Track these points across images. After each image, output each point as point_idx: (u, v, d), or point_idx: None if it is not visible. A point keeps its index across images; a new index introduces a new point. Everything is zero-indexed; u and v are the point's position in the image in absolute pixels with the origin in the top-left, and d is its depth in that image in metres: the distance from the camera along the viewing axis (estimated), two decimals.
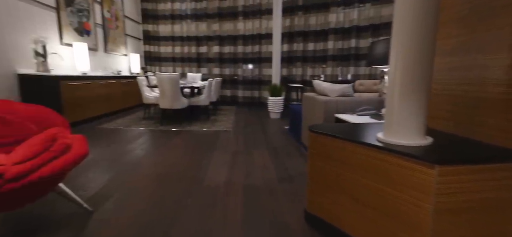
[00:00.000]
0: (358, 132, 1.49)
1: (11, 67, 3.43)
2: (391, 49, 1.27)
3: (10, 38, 3.41)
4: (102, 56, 5.72)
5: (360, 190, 1.33)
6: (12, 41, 3.43)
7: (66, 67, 4.51)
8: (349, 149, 1.36)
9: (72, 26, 4.70)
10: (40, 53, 3.61)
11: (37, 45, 3.61)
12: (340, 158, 1.42)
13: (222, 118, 5.29)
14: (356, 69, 6.41)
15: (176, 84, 4.21)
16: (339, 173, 1.43)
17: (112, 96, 5.07)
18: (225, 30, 7.36)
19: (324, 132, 1.50)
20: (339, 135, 1.41)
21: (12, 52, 3.44)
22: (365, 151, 1.29)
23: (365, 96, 3.03)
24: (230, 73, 7.57)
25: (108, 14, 5.96)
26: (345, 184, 1.41)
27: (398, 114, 1.25)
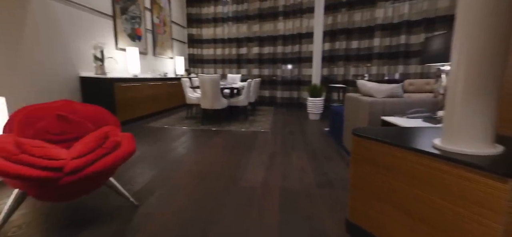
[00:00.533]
0: (409, 137, 1.35)
1: (75, 70, 3.86)
2: (454, 42, 1.11)
3: (74, 45, 3.84)
4: (150, 59, 6.15)
5: (411, 202, 1.20)
6: (75, 47, 3.86)
7: (119, 70, 4.94)
8: (399, 156, 1.23)
9: (126, 32, 5.14)
10: (98, 58, 4.01)
11: (96, 50, 4.01)
12: (388, 165, 1.29)
13: (261, 119, 5.30)
14: (405, 67, 5.91)
15: (217, 85, 4.33)
16: (387, 181, 1.30)
17: (158, 97, 5.42)
18: (265, 31, 7.38)
19: (369, 136, 1.38)
20: (387, 140, 1.29)
21: (76, 57, 3.87)
22: (418, 158, 1.15)
23: (416, 97, 2.75)
24: (269, 74, 7.56)
25: (157, 20, 6.39)
26: (393, 194, 1.28)
27: (461, 118, 1.09)
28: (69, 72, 3.74)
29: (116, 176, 2.26)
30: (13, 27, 2.96)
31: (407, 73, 5.91)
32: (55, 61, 3.51)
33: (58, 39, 3.56)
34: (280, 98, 7.50)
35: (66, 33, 3.69)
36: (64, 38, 3.66)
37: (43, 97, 3.35)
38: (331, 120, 4.15)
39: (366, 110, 2.43)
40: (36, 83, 3.25)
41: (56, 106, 1.77)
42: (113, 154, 1.52)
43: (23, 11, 3.06)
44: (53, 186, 1.32)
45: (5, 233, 1.41)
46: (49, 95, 3.42)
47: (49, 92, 3.44)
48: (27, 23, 3.11)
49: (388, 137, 1.33)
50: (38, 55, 3.26)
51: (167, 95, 5.86)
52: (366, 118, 2.41)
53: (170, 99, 6.03)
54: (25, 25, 3.09)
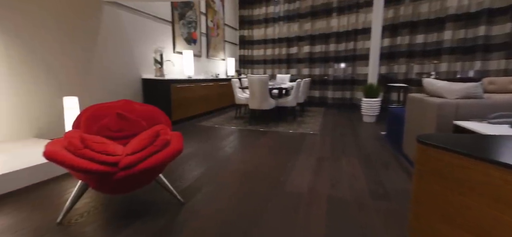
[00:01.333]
0: (492, 147, 1.09)
1: (138, 73, 4.26)
2: None
3: (138, 49, 4.24)
4: (204, 61, 6.47)
5: (492, 229, 0.96)
6: (139, 51, 4.26)
7: (175, 72, 5.29)
8: (477, 170, 1.00)
9: (183, 36, 5.49)
10: (158, 61, 4.36)
11: (156, 54, 4.36)
12: (461, 180, 1.06)
13: (309, 120, 5.11)
14: (484, 63, 5.05)
15: (265, 85, 4.31)
16: (458, 200, 1.07)
17: (210, 97, 5.65)
18: (317, 29, 7.11)
19: (438, 144, 1.16)
20: (462, 150, 1.06)
21: (139, 60, 4.27)
22: (505, 175, 0.91)
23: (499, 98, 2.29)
24: (320, 73, 7.26)
25: (211, 24, 6.69)
26: (466, 215, 1.05)
27: None
28: (132, 75, 4.14)
29: (168, 172, 2.39)
30: (88, 35, 3.39)
31: (486, 70, 5.04)
32: (121, 65, 3.92)
33: (124, 44, 3.97)
34: (331, 98, 7.15)
35: (131, 39, 4.10)
36: (129, 44, 4.07)
37: (111, 97, 3.76)
38: (389, 123, 3.76)
39: (433, 113, 2.11)
40: (105, 84, 3.67)
41: (117, 106, 1.94)
42: (163, 152, 1.59)
43: (97, 21, 3.49)
44: (109, 179, 1.43)
45: (69, 219, 1.59)
46: (115, 95, 3.84)
47: (116, 92, 3.85)
48: (99, 31, 3.54)
49: (462, 146, 1.10)
50: (106, 59, 3.68)
51: (217, 95, 6.08)
52: (434, 122, 2.09)
53: (220, 99, 6.25)
54: (98, 34, 3.52)
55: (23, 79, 2.67)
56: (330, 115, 5.88)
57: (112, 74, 3.77)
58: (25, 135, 2.70)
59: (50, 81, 2.91)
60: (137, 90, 4.25)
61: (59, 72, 3.01)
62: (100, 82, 3.57)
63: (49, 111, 2.92)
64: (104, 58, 3.61)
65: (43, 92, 2.86)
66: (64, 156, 1.38)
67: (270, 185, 2.12)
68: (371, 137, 3.76)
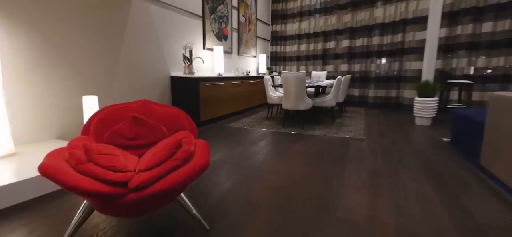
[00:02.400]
0: None
1: (166, 70, 4.05)
2: None
3: (166, 45, 4.02)
4: (235, 58, 6.16)
5: None
6: (167, 47, 4.04)
7: (205, 70, 5.04)
8: None
9: (213, 32, 5.22)
10: (187, 57, 4.11)
11: (186, 50, 4.12)
12: None
13: (350, 122, 4.54)
14: None
15: (302, 83, 3.85)
16: None
17: (240, 96, 5.32)
18: (358, 20, 6.45)
19: None
20: None
21: (168, 57, 4.06)
22: None
23: None
24: (361, 70, 6.59)
25: (243, 19, 6.36)
26: None
27: None
28: (161, 72, 3.94)
29: (190, 187, 2.07)
30: (115, 29, 3.21)
31: None
32: (149, 62, 3.73)
33: (153, 40, 3.77)
34: (372, 97, 6.44)
35: (160, 34, 3.89)
36: (158, 39, 3.86)
37: (137, 96, 3.58)
38: (455, 128, 3.11)
39: None
40: (132, 83, 3.49)
41: (134, 107, 1.65)
42: (184, 168, 1.25)
43: (125, 13, 3.31)
44: (117, 202, 1.12)
45: None
46: (142, 94, 3.65)
47: (143, 91, 3.66)
48: (127, 25, 3.35)
49: None
50: (134, 56, 3.49)
51: (248, 94, 5.73)
52: None
53: (251, 98, 5.89)
54: (125, 28, 3.33)
55: (45, 76, 2.54)
56: (373, 116, 5.23)
57: (140, 71, 3.58)
58: (48, 136, 2.57)
59: (72, 79, 2.76)
60: (165, 88, 4.05)
61: (83, 69, 2.86)
62: (126, 80, 3.40)
63: (72, 111, 2.78)
64: (132, 54, 3.43)
65: (66, 89, 2.71)
66: (61, 172, 1.09)
67: (315, 208, 1.70)
68: (431, 145, 3.13)
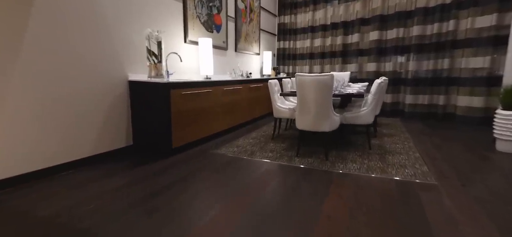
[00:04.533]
0: None
1: (122, 71, 2.72)
2: None
3: (122, 35, 2.68)
4: (231, 56, 4.79)
5: None
6: (123, 37, 2.70)
7: (188, 70, 3.69)
8: None
9: (200, 20, 3.86)
10: (153, 53, 2.77)
11: (150, 41, 2.77)
12: None
13: (393, 145, 3.11)
14: None
15: (327, 92, 2.45)
16: None
17: (236, 106, 3.95)
18: (391, 6, 4.99)
19: None
20: None
21: (124, 52, 2.71)
22: None
23: None
24: (394, 69, 5.12)
25: (242, 5, 4.99)
26: None
27: None
28: (110, 74, 2.60)
29: None
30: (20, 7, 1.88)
31: None
32: (87, 57, 2.39)
33: (97, 24, 2.43)
34: (410, 105, 4.96)
35: (110, 16, 2.55)
36: (106, 23, 2.53)
37: (59, 110, 2.24)
38: None
39: None
40: (50, 90, 2.15)
41: None
42: None
43: None
44: None
45: None
46: (70, 107, 2.31)
47: (73, 102, 2.33)
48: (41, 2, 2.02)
49: None
50: (53, 45, 2.16)
51: (248, 102, 4.35)
52: None
53: (252, 108, 4.51)
54: (34, 6, 2.00)
55: None
56: (420, 133, 3.78)
57: (65, 72, 2.25)
58: None
59: None
60: (119, 98, 2.71)
61: None
62: (34, 87, 2.06)
63: None
64: (47, 45, 2.08)
65: None
66: None
67: None
68: None
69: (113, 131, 2.68)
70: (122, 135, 2.78)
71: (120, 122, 2.73)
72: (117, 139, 2.72)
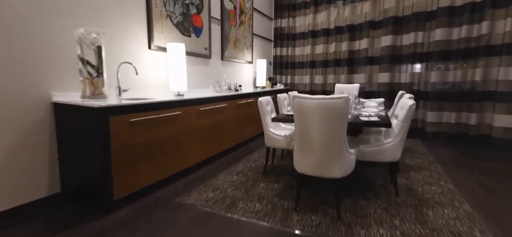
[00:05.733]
0: None
1: (43, 89, 1.88)
2: None
3: (43, 38, 1.86)
4: (216, 66, 3.97)
5: None
6: (48, 43, 1.88)
7: (152, 84, 2.86)
8: None
9: (172, 20, 3.05)
10: (88, 63, 1.93)
11: (82, 46, 1.94)
12: None
13: (428, 188, 2.24)
14: None
15: (340, 122, 1.61)
16: None
17: (218, 129, 3.10)
18: (407, 6, 4.19)
19: None
20: None
21: (47, 62, 1.89)
22: None
23: None
24: (412, 80, 4.29)
25: (230, 5, 4.20)
26: None
27: None
28: (26, 93, 1.77)
29: None
30: None
31: None
32: None
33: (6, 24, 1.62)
34: (432, 124, 4.12)
35: (24, 13, 1.73)
36: (17, 22, 1.70)
37: None
38: None
39: None
40: None
41: None
42: None
43: None
44: None
45: None
46: None
47: None
48: None
49: None
50: None
51: (235, 122, 3.51)
52: None
53: (240, 129, 3.66)
54: None
55: None
56: (452, 162, 2.92)
57: None
58: None
59: None
60: (38, 129, 1.88)
61: None
62: None
63: None
64: None
65: None
66: None
67: None
68: None
69: (28, 174, 1.83)
70: (43, 180, 1.93)
71: (38, 161, 1.89)
72: (33, 186, 1.87)
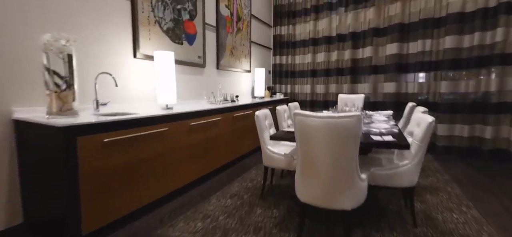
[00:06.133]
0: None
1: (4, 105, 1.61)
2: None
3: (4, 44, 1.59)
4: (211, 75, 3.71)
5: None
6: (10, 50, 1.62)
7: (143, 98, 2.59)
8: None
9: (161, 25, 2.80)
10: (56, 73, 1.66)
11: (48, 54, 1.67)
12: None
13: (449, 216, 1.94)
14: None
15: (351, 145, 1.33)
16: None
17: (211, 145, 2.82)
18: (414, 12, 3.96)
19: None
20: None
21: (7, 72, 1.62)
22: None
23: None
24: (420, 91, 4.03)
25: (227, 11, 3.97)
26: None
27: None
28: None
29: None
30: None
31: None
32: None
33: None
34: (443, 138, 3.83)
35: None
36: None
37: None
38: None
39: None
40: None
41: None
42: None
43: None
44: None
45: None
46: None
47: None
48: None
49: None
50: None
51: (231, 137, 3.23)
52: None
53: (236, 144, 3.38)
54: None
55: None
56: (470, 181, 2.62)
57: None
58: None
59: None
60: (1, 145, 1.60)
61: None
62: None
63: None
64: None
65: None
66: None
67: None
68: None
69: None
70: (0, 210, 1.64)
71: None
72: None
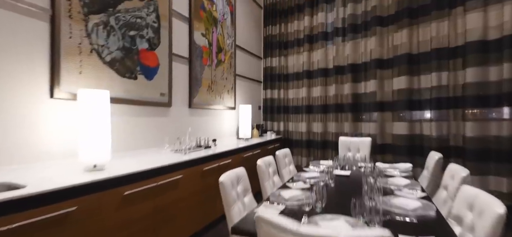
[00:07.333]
0: None
1: None
2: None
3: None
4: (181, 116, 2.99)
5: None
6: None
7: (62, 154, 1.83)
8: None
9: (101, 55, 2.11)
10: None
11: None
12: None
13: None
14: None
15: None
16: None
17: (161, 218, 2.00)
18: (423, 41, 3.36)
19: None
20: None
21: None
22: None
23: None
24: (437, 133, 3.30)
25: (204, 41, 3.34)
26: None
27: None
28: None
29: None
30: None
31: None
32: None
33: None
34: None
35: None
36: None
37: None
38: None
39: None
40: None
41: None
42: None
43: None
44: None
45: None
46: None
47: None
48: None
49: None
50: None
51: (194, 201, 2.42)
52: None
53: (204, 209, 2.56)
54: None
55: None
56: None
57: None
58: None
59: None
60: None
61: None
62: None
63: None
64: None
65: None
66: None
67: None
68: None
69: None
70: None
71: None
72: None
